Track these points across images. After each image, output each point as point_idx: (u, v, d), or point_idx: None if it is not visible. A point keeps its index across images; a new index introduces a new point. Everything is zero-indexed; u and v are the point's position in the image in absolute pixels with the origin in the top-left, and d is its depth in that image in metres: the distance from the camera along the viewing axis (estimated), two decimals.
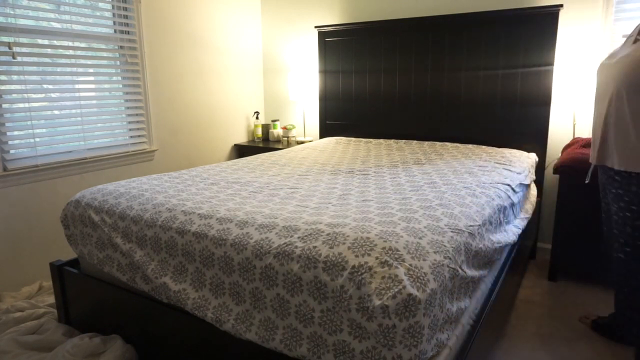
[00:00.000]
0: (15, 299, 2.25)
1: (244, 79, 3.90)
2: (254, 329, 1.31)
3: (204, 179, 2.06)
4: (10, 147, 2.39)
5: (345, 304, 1.13)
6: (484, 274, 1.54)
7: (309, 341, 1.21)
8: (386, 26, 3.22)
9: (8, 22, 2.34)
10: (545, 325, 2.14)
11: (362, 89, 3.42)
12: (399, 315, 1.06)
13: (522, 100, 2.83)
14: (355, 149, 3.01)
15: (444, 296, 1.20)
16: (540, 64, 2.74)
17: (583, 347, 1.96)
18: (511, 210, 1.98)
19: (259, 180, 2.05)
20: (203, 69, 3.46)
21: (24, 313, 2.04)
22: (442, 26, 3.02)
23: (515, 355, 1.90)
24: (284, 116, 4.04)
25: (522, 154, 2.68)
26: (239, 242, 1.35)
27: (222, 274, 1.37)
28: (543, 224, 2.98)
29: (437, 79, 3.11)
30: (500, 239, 1.70)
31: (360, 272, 1.13)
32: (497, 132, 2.94)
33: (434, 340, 1.15)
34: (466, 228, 1.43)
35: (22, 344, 1.81)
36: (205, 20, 3.44)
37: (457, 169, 2.23)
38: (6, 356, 1.74)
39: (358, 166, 2.39)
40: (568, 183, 2.43)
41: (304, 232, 1.31)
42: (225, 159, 3.79)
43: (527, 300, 2.39)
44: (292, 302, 1.23)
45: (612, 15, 2.63)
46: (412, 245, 1.22)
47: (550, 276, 2.61)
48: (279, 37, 3.91)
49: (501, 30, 2.84)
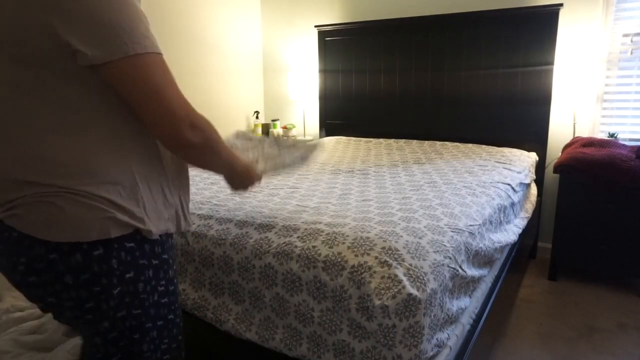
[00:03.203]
0: (16, 299, 2.25)
1: (244, 78, 3.89)
2: (254, 328, 1.31)
3: (204, 179, 2.06)
4: None
5: (345, 304, 1.13)
6: (484, 274, 1.54)
7: (309, 341, 1.21)
8: (386, 25, 3.21)
9: None
10: (545, 324, 2.14)
11: (362, 89, 3.41)
12: (399, 315, 1.06)
13: (522, 100, 2.83)
14: (355, 148, 3.01)
15: (444, 296, 1.20)
16: (541, 63, 2.74)
17: (583, 347, 1.96)
18: (511, 209, 1.98)
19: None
20: (203, 69, 3.46)
21: (24, 313, 2.04)
22: (442, 25, 3.02)
23: (515, 355, 1.90)
24: (284, 116, 4.03)
25: (523, 153, 2.68)
26: (238, 241, 1.34)
27: (221, 274, 1.37)
28: (543, 223, 2.98)
29: (437, 78, 3.10)
30: (500, 239, 1.70)
31: (360, 272, 1.13)
32: (497, 132, 2.94)
33: (434, 340, 1.15)
34: (466, 227, 1.42)
35: (22, 344, 1.81)
36: (205, 20, 3.43)
37: (457, 169, 2.23)
38: (6, 356, 1.74)
39: (358, 166, 2.39)
40: (568, 182, 2.43)
41: (303, 232, 1.31)
42: None
43: (527, 299, 2.38)
44: (291, 301, 1.23)
45: (612, 15, 2.62)
46: (412, 244, 1.21)
47: (550, 275, 2.61)
48: (279, 36, 3.90)
49: (501, 30, 2.83)
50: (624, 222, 2.31)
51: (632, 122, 2.67)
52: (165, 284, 0.96)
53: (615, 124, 2.72)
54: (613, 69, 2.68)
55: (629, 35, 2.59)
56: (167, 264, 0.96)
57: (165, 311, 0.97)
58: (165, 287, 0.96)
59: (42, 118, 0.80)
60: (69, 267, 0.82)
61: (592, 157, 2.30)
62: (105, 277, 0.84)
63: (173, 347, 1.02)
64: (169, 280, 0.98)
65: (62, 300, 0.85)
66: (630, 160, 2.23)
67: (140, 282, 0.89)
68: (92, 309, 0.86)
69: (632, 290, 2.46)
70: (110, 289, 0.85)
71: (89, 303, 0.85)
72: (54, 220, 0.81)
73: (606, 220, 2.36)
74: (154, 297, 0.93)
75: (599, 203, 2.36)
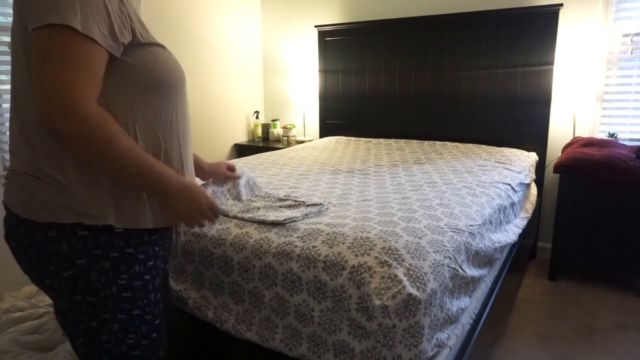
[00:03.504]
0: (16, 299, 2.25)
1: (244, 78, 3.89)
2: (254, 328, 1.31)
3: None
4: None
5: (345, 304, 1.13)
6: (484, 274, 1.54)
7: (309, 341, 1.21)
8: (386, 25, 3.21)
9: (8, 22, 2.33)
10: (545, 324, 2.14)
11: (362, 89, 3.41)
12: (399, 315, 1.06)
13: (522, 100, 2.83)
14: (355, 148, 3.01)
15: (444, 296, 1.20)
16: (541, 63, 2.74)
17: (583, 347, 1.96)
18: (511, 209, 1.98)
19: (259, 180, 2.05)
20: (203, 69, 3.46)
21: (24, 313, 2.04)
22: (442, 25, 3.02)
23: (515, 354, 1.90)
24: (284, 116, 4.03)
25: (522, 153, 2.68)
26: (238, 241, 1.34)
27: (221, 274, 1.37)
28: (543, 223, 2.98)
29: (437, 78, 3.10)
30: (500, 239, 1.70)
31: (359, 272, 1.13)
32: (497, 131, 2.94)
33: (434, 340, 1.15)
34: (466, 227, 1.42)
35: (22, 344, 1.81)
36: (205, 20, 3.43)
37: (457, 169, 2.23)
38: (6, 356, 1.74)
39: (358, 166, 2.39)
40: (568, 182, 2.43)
41: (303, 232, 1.31)
42: (225, 159, 3.78)
43: (527, 299, 2.38)
44: (291, 301, 1.23)
45: (612, 15, 2.62)
46: (412, 245, 1.21)
47: (550, 276, 2.61)
48: (279, 36, 3.90)
49: (501, 30, 2.83)
50: (624, 222, 2.31)
51: (632, 122, 2.67)
52: (128, 278, 0.95)
53: (615, 124, 2.72)
54: (613, 69, 2.68)
55: (629, 35, 2.59)
56: (131, 258, 0.95)
57: (128, 305, 0.96)
58: (128, 282, 0.95)
59: (26, 100, 0.87)
60: (31, 242, 0.89)
61: (592, 157, 2.30)
62: (56, 257, 0.89)
63: (144, 343, 1.01)
64: (134, 276, 0.96)
65: (30, 270, 0.94)
66: (630, 160, 2.24)
67: (93, 271, 0.91)
68: (49, 286, 0.93)
69: (632, 290, 2.46)
70: (60, 270, 0.90)
71: (47, 279, 0.92)
72: (18, 198, 0.90)
73: (606, 220, 2.36)
74: (112, 289, 0.93)
75: (599, 203, 2.36)
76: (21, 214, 0.89)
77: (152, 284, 1.01)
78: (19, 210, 0.90)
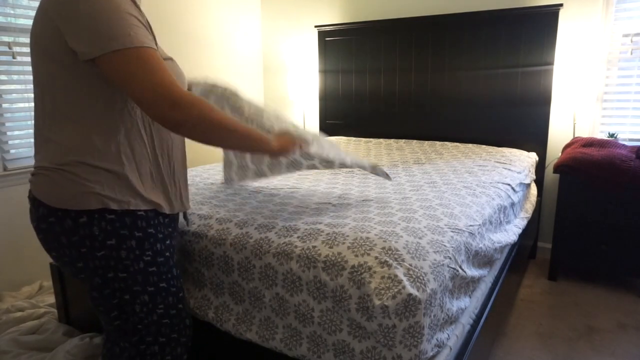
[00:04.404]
0: (16, 299, 2.25)
1: (244, 78, 3.89)
2: (254, 328, 1.31)
3: (204, 179, 2.06)
4: (10, 147, 2.39)
5: (345, 304, 1.13)
6: (484, 274, 1.54)
7: (309, 341, 1.21)
8: (386, 25, 3.21)
9: (8, 22, 2.33)
10: (545, 324, 2.14)
11: (362, 89, 3.41)
12: (399, 315, 1.06)
13: (522, 100, 2.83)
14: (355, 148, 3.01)
15: (444, 296, 1.20)
16: (540, 64, 2.74)
17: (583, 347, 1.96)
18: (511, 209, 1.98)
19: (259, 179, 2.05)
20: (203, 69, 3.46)
21: (24, 313, 2.04)
22: (442, 25, 3.02)
23: (515, 354, 1.90)
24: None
25: (522, 153, 2.68)
26: (238, 241, 1.35)
27: (221, 274, 1.37)
28: (543, 223, 2.98)
29: (437, 79, 3.10)
30: (500, 239, 1.70)
31: (360, 272, 1.13)
32: (497, 132, 2.94)
33: (434, 340, 1.15)
34: (466, 228, 1.42)
35: (23, 344, 1.81)
36: (205, 20, 3.43)
37: (457, 169, 2.23)
38: (6, 356, 1.74)
39: None
40: (568, 182, 2.43)
41: (303, 232, 1.31)
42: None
43: (527, 299, 2.38)
44: (291, 301, 1.23)
45: (612, 15, 2.62)
46: (412, 245, 1.21)
47: (550, 276, 2.61)
48: (279, 36, 3.90)
49: (501, 30, 2.83)
50: (624, 222, 2.32)
51: (632, 122, 2.67)
52: (152, 254, 1.09)
53: (615, 124, 2.72)
54: (613, 69, 2.68)
55: (629, 35, 2.59)
56: (153, 237, 1.09)
57: (155, 279, 1.10)
58: (152, 258, 1.09)
59: (55, 99, 1.01)
60: (63, 229, 1.01)
61: (592, 157, 2.30)
62: (88, 240, 1.01)
63: (172, 313, 1.15)
64: (157, 252, 1.10)
65: (61, 256, 1.05)
66: (630, 160, 2.24)
67: (122, 250, 1.04)
68: (82, 269, 1.04)
69: (632, 290, 2.46)
70: (93, 251, 1.02)
71: (79, 262, 1.04)
72: (50, 190, 1.01)
73: (606, 220, 2.36)
74: (139, 264, 1.07)
75: (599, 203, 2.36)
76: (53, 204, 1.00)
77: (172, 260, 1.16)
78: (52, 201, 1.00)
